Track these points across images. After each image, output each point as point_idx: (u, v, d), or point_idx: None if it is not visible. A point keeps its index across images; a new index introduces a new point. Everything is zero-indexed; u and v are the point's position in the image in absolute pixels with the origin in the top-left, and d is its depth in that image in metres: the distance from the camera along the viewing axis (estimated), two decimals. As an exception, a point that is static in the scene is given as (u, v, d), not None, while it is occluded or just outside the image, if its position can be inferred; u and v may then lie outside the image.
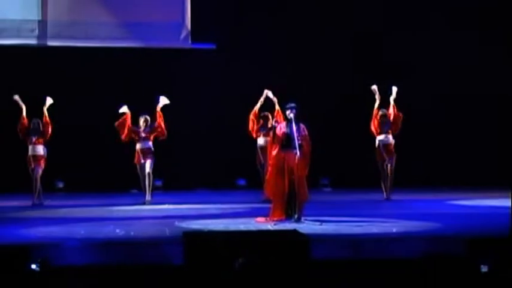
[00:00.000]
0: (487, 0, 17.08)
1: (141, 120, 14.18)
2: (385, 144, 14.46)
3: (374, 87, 14.55)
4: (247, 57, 16.66)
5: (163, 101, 14.38)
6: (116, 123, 14.23)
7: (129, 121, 14.24)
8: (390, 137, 14.49)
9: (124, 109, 14.37)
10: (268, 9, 16.99)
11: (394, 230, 10.35)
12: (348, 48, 17.07)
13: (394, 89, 14.49)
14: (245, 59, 16.64)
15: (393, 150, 14.49)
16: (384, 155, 14.44)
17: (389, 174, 14.43)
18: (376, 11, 17.18)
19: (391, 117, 14.41)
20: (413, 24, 17.12)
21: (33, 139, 14.04)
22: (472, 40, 16.93)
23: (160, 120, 14.22)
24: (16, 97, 14.28)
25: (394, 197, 14.42)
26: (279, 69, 16.56)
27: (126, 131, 14.21)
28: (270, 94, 14.24)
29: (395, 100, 14.48)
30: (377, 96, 14.51)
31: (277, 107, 13.99)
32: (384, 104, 14.52)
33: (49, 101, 14.30)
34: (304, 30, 16.99)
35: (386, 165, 14.45)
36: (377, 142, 14.53)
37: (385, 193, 14.50)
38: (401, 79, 15.32)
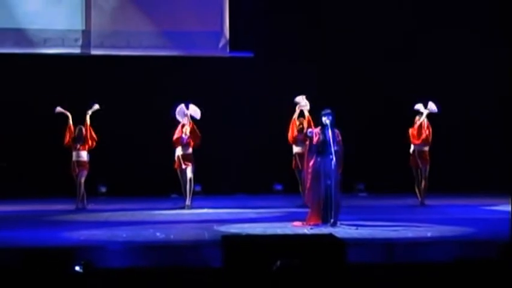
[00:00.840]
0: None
1: (183, 127, 14.28)
2: (420, 151, 14.58)
3: (418, 107, 14.64)
4: (285, 64, 16.73)
5: (192, 108, 14.42)
6: (174, 139, 14.30)
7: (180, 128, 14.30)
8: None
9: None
10: (305, 18, 17.07)
11: (429, 235, 10.42)
12: (385, 53, 17.09)
13: (431, 105, 14.57)
14: (282, 66, 16.71)
15: (428, 157, 14.55)
16: (419, 161, 14.55)
17: (423, 180, 14.53)
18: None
19: (425, 128, 14.53)
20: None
21: (78, 146, 14.31)
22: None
23: (193, 127, 14.26)
24: (58, 108, 14.59)
25: (428, 202, 14.43)
26: (315, 76, 16.65)
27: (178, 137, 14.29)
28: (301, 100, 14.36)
29: (427, 115, 14.58)
30: (423, 110, 14.60)
31: (306, 113, 14.09)
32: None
33: (95, 106, 14.57)
34: (341, 35, 17.02)
35: (421, 171, 14.57)
36: (412, 147, 14.65)
37: (419, 198, 14.61)
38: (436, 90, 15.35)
